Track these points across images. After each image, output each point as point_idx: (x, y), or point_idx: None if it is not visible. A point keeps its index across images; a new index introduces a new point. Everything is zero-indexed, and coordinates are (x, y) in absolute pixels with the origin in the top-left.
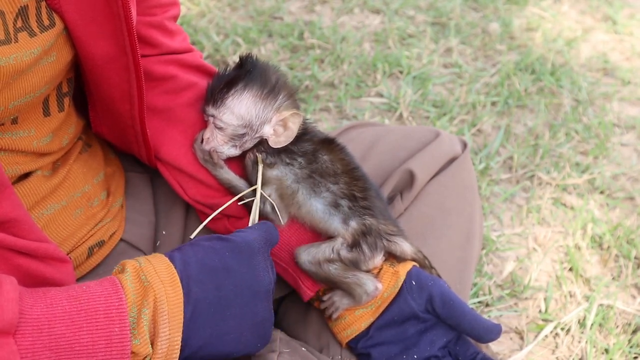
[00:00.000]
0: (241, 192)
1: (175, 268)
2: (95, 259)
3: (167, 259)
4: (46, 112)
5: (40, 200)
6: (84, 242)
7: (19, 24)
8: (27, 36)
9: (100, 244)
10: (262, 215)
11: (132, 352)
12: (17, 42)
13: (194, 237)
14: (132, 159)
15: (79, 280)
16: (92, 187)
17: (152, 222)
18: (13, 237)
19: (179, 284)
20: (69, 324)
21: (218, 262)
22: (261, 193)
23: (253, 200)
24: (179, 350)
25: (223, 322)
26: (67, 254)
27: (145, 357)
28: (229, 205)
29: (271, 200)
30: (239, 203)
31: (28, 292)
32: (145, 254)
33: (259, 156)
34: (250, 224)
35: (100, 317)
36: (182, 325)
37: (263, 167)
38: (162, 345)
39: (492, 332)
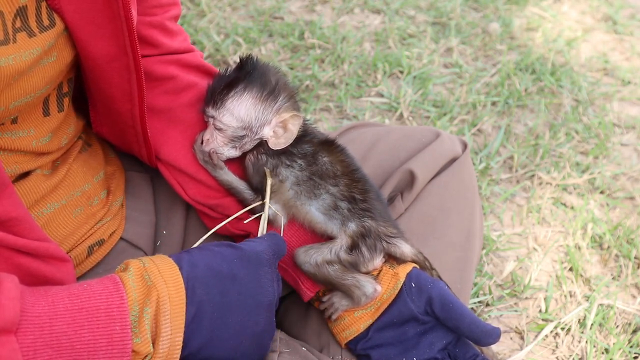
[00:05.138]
0: (243, 194)
1: (181, 269)
2: (95, 258)
3: (171, 260)
4: (46, 112)
5: (39, 199)
6: (83, 240)
7: (18, 24)
8: (26, 36)
9: (100, 242)
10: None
11: (133, 351)
12: (15, 42)
13: (200, 244)
14: (132, 158)
15: (78, 279)
16: (92, 186)
17: (153, 221)
18: (14, 236)
19: (182, 285)
20: (70, 322)
21: (225, 268)
22: (269, 206)
23: (261, 213)
24: (180, 351)
25: (224, 328)
26: (67, 253)
27: (146, 356)
28: (230, 206)
29: (276, 211)
30: (249, 215)
31: (29, 291)
32: (145, 253)
33: (267, 170)
34: (259, 235)
35: (101, 316)
36: (183, 325)
37: (270, 178)
38: (163, 345)
39: (491, 335)
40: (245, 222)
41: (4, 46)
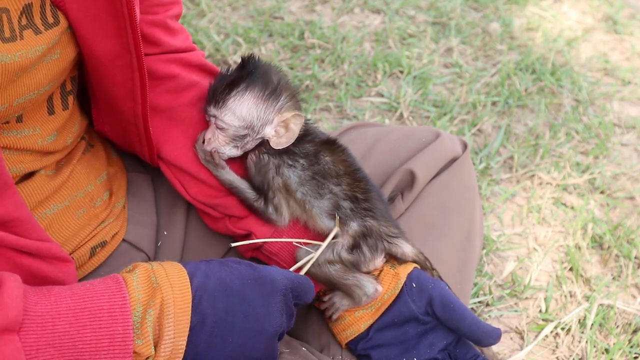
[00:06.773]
0: (244, 193)
1: (194, 278)
2: (97, 260)
3: (180, 265)
4: (51, 111)
5: (43, 200)
6: (86, 242)
7: (24, 21)
8: (33, 34)
9: (103, 244)
10: (264, 218)
11: (135, 352)
12: (22, 39)
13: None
14: (133, 158)
15: (80, 281)
16: (95, 188)
17: (154, 222)
18: (15, 236)
19: (189, 290)
20: (73, 321)
21: (237, 286)
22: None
23: (307, 252)
24: (182, 355)
25: (221, 346)
26: (70, 254)
27: (148, 357)
28: (231, 205)
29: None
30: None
31: (32, 290)
32: (147, 255)
33: (337, 218)
34: (291, 269)
35: (103, 316)
36: (187, 330)
37: (337, 228)
38: (165, 348)
39: (491, 336)
40: (297, 242)
41: (12, 43)
